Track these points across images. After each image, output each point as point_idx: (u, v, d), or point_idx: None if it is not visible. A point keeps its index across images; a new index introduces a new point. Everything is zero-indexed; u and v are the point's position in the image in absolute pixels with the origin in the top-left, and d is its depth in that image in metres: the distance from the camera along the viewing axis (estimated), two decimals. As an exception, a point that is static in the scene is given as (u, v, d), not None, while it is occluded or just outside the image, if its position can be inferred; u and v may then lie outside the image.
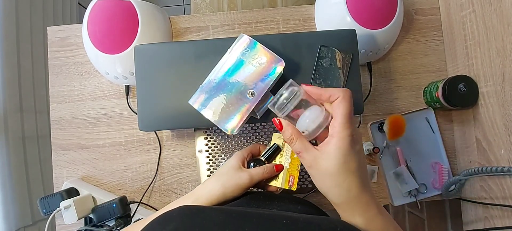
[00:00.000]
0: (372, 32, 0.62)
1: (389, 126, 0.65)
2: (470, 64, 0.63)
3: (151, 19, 0.65)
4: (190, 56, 0.56)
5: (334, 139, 0.36)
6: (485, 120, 0.60)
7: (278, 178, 0.52)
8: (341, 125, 0.36)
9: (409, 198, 0.67)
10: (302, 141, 0.39)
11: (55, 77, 0.71)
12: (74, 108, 0.71)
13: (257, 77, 0.50)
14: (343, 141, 0.36)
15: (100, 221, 0.63)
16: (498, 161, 0.58)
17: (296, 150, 0.39)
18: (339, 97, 0.37)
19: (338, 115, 0.37)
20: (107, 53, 0.62)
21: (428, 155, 0.69)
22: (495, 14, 0.55)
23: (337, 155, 0.36)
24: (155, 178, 0.70)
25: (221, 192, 0.47)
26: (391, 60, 0.72)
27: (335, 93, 0.37)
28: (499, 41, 0.55)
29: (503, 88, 0.55)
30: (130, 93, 0.70)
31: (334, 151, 0.36)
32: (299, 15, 0.72)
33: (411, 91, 0.71)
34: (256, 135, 0.68)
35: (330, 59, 0.57)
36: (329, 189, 0.38)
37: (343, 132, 0.36)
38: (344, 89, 0.38)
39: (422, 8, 0.72)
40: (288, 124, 0.40)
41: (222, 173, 0.50)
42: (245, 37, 0.52)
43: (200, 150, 0.68)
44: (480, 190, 0.62)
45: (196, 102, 0.51)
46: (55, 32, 0.72)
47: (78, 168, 0.70)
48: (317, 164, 0.37)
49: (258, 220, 0.34)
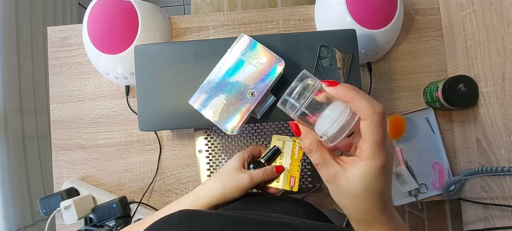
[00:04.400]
0: (372, 32, 0.62)
1: (389, 126, 0.65)
2: (470, 64, 0.63)
3: (151, 19, 0.65)
4: (190, 56, 0.56)
5: (362, 163, 0.31)
6: (485, 120, 0.60)
7: (279, 179, 0.52)
8: (373, 149, 0.30)
9: (409, 198, 0.67)
10: (322, 153, 0.33)
11: (55, 77, 0.71)
12: (74, 108, 0.71)
13: (257, 77, 0.50)
14: (373, 168, 0.30)
15: (100, 221, 0.63)
16: (498, 161, 0.57)
17: (314, 161, 0.34)
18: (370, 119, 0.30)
19: (369, 137, 0.30)
20: (107, 53, 0.62)
21: (428, 155, 0.69)
22: (495, 14, 0.55)
23: (363, 179, 0.31)
24: (155, 178, 0.70)
25: (220, 192, 0.47)
26: (391, 60, 0.72)
27: (365, 109, 0.30)
28: (499, 41, 0.55)
29: (503, 88, 0.55)
30: (130, 93, 0.70)
31: (361, 175, 0.31)
32: (299, 15, 0.72)
33: (411, 92, 0.71)
34: (256, 135, 0.67)
35: (330, 59, 0.57)
36: (345, 206, 0.34)
37: (375, 159, 0.30)
38: (376, 104, 0.30)
39: (422, 8, 0.72)
40: (308, 132, 0.34)
41: (222, 173, 0.50)
42: (245, 37, 0.52)
43: (200, 150, 0.68)
44: (480, 190, 0.62)
45: (196, 102, 0.51)
46: (55, 32, 0.72)
47: (78, 168, 0.70)
48: (337, 181, 0.33)
49: (258, 226, 0.33)
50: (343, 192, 0.33)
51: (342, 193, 0.33)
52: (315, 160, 0.34)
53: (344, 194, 0.33)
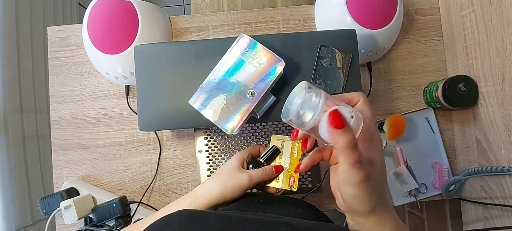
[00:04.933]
0: (372, 32, 0.62)
1: (389, 126, 0.65)
2: (470, 64, 0.63)
3: (151, 19, 0.65)
4: (190, 56, 0.56)
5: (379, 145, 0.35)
6: (485, 120, 0.60)
7: (278, 179, 0.52)
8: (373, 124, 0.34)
9: (409, 198, 0.67)
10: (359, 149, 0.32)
11: (55, 77, 0.71)
12: (74, 108, 0.71)
13: (257, 77, 0.50)
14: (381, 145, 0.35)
15: (100, 221, 0.63)
16: (498, 161, 0.58)
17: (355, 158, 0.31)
18: (360, 100, 0.35)
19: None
20: (107, 53, 0.62)
21: (428, 155, 0.69)
22: (495, 14, 0.55)
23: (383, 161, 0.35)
24: (155, 178, 0.70)
25: (220, 192, 0.47)
26: (391, 60, 0.72)
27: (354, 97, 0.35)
28: (499, 41, 0.55)
29: (503, 88, 0.55)
30: (130, 93, 0.70)
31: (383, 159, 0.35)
32: (299, 15, 0.72)
33: (411, 91, 0.71)
34: (256, 135, 0.68)
35: (330, 59, 0.57)
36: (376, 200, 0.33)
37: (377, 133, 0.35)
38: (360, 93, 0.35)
39: (422, 8, 0.72)
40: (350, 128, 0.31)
41: (221, 173, 0.50)
42: (245, 37, 0.52)
43: (200, 150, 0.68)
44: (480, 190, 0.62)
45: (196, 102, 0.51)
46: (55, 32, 0.72)
47: (78, 168, 0.70)
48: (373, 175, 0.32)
49: (257, 226, 0.33)
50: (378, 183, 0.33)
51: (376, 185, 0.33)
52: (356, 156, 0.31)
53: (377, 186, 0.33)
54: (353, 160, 0.30)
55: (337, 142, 0.31)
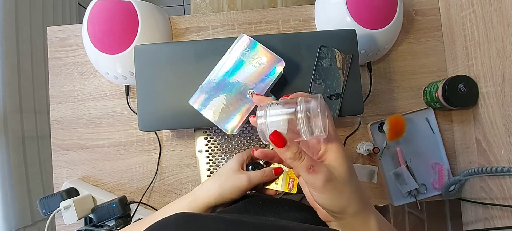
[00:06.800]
0: (372, 33, 0.62)
1: (389, 126, 0.65)
2: (470, 65, 0.63)
3: (151, 19, 0.65)
4: (190, 56, 0.56)
5: (335, 142, 0.35)
6: (485, 120, 0.60)
7: (278, 181, 0.51)
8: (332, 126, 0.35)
9: (409, 198, 0.67)
10: (309, 156, 0.33)
11: (55, 77, 0.71)
12: (74, 108, 0.71)
13: (257, 77, 0.50)
14: (340, 141, 0.35)
15: (100, 221, 0.63)
16: (498, 161, 0.58)
17: (306, 166, 0.33)
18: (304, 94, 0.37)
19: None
20: (107, 53, 0.62)
21: (428, 155, 0.69)
22: (495, 15, 0.55)
23: (344, 157, 0.35)
24: (155, 178, 0.70)
25: (218, 193, 0.47)
26: (391, 61, 0.72)
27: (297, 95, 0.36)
28: (499, 42, 0.55)
29: (503, 89, 0.55)
30: (130, 93, 0.70)
31: (342, 154, 0.35)
32: (299, 15, 0.72)
33: (411, 92, 0.71)
34: (256, 135, 0.67)
35: (330, 60, 0.57)
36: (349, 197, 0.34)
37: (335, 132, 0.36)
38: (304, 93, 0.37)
39: (422, 8, 0.72)
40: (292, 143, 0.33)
41: (220, 174, 0.50)
42: (245, 37, 0.52)
43: (200, 150, 0.68)
44: (480, 190, 0.62)
45: (196, 102, 0.51)
46: (55, 32, 0.72)
47: (78, 168, 0.70)
48: (333, 172, 0.33)
49: (254, 229, 0.33)
50: (342, 182, 0.34)
51: (341, 184, 0.34)
52: (307, 163, 0.33)
53: (343, 184, 0.34)
54: (305, 167, 0.33)
55: (285, 159, 0.33)
